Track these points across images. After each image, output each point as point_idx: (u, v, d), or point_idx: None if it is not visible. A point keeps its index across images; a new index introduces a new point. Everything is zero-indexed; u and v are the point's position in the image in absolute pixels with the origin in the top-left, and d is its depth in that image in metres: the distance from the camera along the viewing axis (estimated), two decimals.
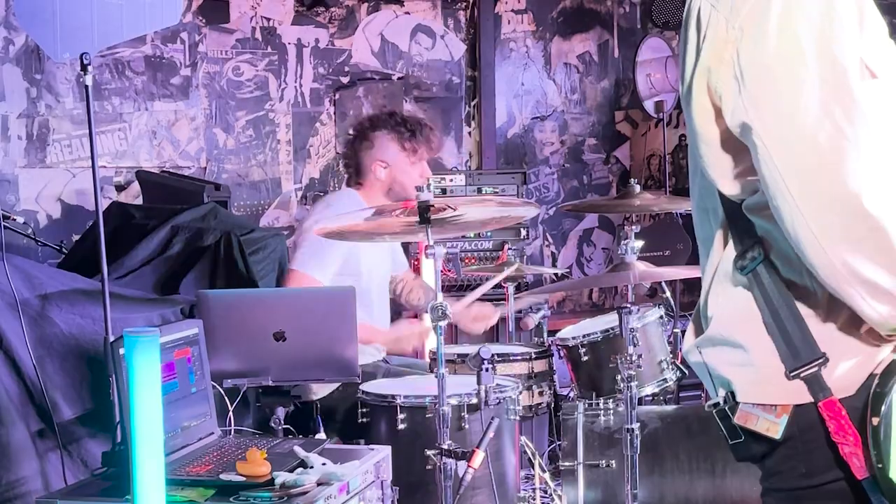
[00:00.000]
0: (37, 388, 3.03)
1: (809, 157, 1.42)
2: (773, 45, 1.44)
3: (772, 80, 1.44)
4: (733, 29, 1.47)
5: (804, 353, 1.50)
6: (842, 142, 1.40)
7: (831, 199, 1.41)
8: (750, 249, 1.56)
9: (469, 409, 3.09)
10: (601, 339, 3.71)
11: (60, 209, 5.35)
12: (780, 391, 1.54)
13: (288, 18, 5.79)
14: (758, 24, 1.45)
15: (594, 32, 6.61)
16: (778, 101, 1.44)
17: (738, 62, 1.46)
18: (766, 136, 1.44)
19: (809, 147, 1.41)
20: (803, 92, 1.42)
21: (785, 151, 1.43)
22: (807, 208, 1.42)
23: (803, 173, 1.42)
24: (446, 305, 2.82)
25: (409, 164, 3.87)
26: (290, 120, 5.85)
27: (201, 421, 2.75)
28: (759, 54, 1.45)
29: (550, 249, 6.62)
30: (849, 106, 1.42)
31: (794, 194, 1.43)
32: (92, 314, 3.18)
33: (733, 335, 1.59)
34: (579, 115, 6.63)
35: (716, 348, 1.62)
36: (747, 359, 1.57)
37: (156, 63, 5.51)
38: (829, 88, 1.42)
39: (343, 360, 3.04)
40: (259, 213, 5.78)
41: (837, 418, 1.49)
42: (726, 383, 1.60)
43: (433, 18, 6.17)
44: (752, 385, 1.57)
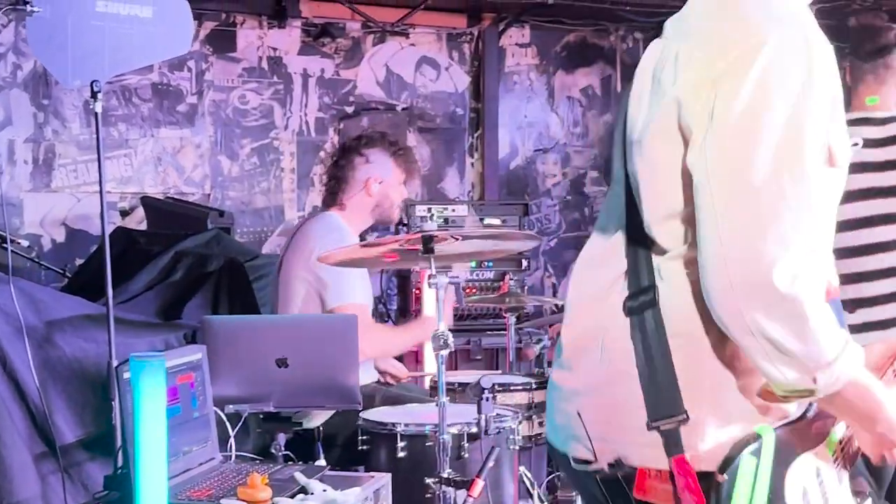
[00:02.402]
0: (40, 411, 3.05)
1: (748, 210, 1.44)
2: (748, 97, 1.46)
3: (737, 130, 1.46)
4: (716, 70, 1.48)
5: (668, 407, 1.50)
6: (780, 204, 1.43)
7: (757, 255, 1.42)
8: (643, 293, 1.55)
9: (469, 438, 3.10)
10: None
11: (64, 233, 5.39)
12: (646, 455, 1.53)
13: (294, 48, 5.86)
14: (741, 73, 1.47)
15: (597, 67, 6.67)
16: (736, 151, 1.46)
17: (714, 104, 1.48)
18: (715, 179, 1.46)
19: (751, 201, 1.44)
20: (762, 150, 1.44)
21: (728, 198, 1.45)
22: (731, 257, 1.43)
23: (738, 224, 1.44)
24: (448, 334, 2.85)
25: (398, 183, 3.88)
26: (295, 148, 5.89)
27: (203, 446, 2.76)
28: (734, 102, 1.46)
29: (551, 280, 6.64)
30: (798, 176, 1.44)
31: (722, 242, 1.45)
32: (96, 338, 3.20)
33: (609, 388, 1.57)
34: (581, 148, 6.68)
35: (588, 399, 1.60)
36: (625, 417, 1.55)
37: (163, 90, 5.56)
38: (786, 154, 1.44)
39: (344, 388, 3.06)
40: (262, 240, 5.81)
41: (685, 475, 1.49)
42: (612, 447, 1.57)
43: (438, 51, 6.23)
44: (638, 447, 1.54)
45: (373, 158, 3.83)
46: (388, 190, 3.82)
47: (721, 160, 1.46)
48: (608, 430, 1.58)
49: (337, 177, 3.85)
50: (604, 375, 1.58)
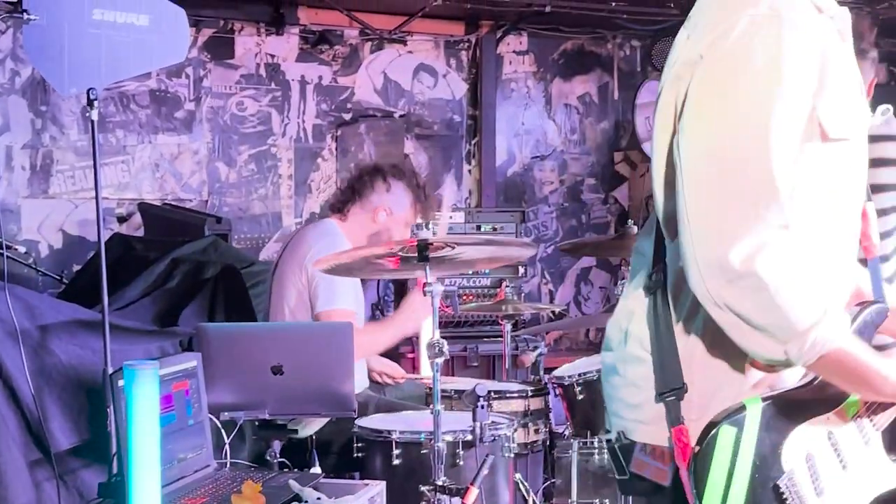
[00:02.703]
0: (34, 417, 3.05)
1: (710, 189, 1.49)
2: (713, 80, 1.51)
3: (701, 113, 1.51)
4: (695, 54, 1.54)
5: (671, 380, 1.57)
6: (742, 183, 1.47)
7: (717, 234, 1.47)
8: (657, 273, 1.63)
9: (464, 446, 3.10)
10: (597, 379, 3.71)
11: (62, 239, 5.39)
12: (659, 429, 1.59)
13: (292, 55, 5.87)
14: (710, 58, 1.52)
15: (594, 74, 6.68)
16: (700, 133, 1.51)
17: (688, 89, 1.53)
18: (685, 161, 1.51)
19: (713, 181, 1.48)
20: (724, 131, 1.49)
21: (693, 179, 1.50)
22: (696, 237, 1.49)
23: (701, 204, 1.49)
24: (444, 342, 2.85)
25: (405, 224, 3.86)
26: (292, 155, 5.90)
27: (197, 453, 2.77)
28: (701, 86, 1.52)
29: (548, 287, 6.65)
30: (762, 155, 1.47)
31: (689, 222, 1.50)
32: (91, 345, 3.20)
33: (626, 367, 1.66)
34: (579, 156, 6.69)
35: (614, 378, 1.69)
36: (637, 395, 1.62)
37: (160, 97, 5.57)
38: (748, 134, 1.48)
39: (340, 395, 3.06)
40: (259, 247, 5.81)
41: (681, 444, 1.54)
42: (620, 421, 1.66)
43: (436, 58, 6.24)
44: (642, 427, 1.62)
45: (394, 189, 3.81)
46: (393, 225, 3.80)
47: (688, 143, 1.51)
48: (618, 405, 1.67)
49: (354, 188, 3.83)
50: (621, 355, 1.67)
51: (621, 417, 1.66)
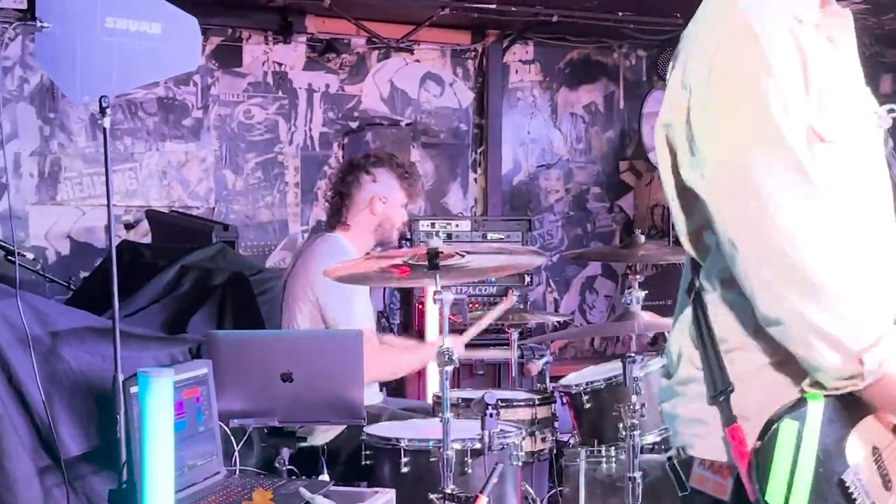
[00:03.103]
0: (44, 423, 3.05)
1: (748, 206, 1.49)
2: (713, 105, 1.52)
3: (715, 141, 1.52)
4: (685, 89, 1.55)
5: (718, 383, 1.58)
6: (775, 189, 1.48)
7: (773, 250, 1.47)
8: (694, 289, 1.65)
9: (473, 454, 3.11)
10: (604, 387, 3.73)
11: (69, 246, 5.40)
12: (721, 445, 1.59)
13: (299, 64, 5.88)
14: (701, 86, 1.53)
15: (600, 84, 6.70)
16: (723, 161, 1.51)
17: (689, 121, 1.55)
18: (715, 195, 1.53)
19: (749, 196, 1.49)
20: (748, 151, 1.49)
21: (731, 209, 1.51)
22: (753, 258, 1.49)
23: (747, 227, 1.50)
24: (453, 351, 2.86)
25: (401, 205, 3.91)
26: (299, 163, 5.92)
27: (208, 460, 2.78)
28: (703, 115, 1.53)
29: (553, 295, 6.66)
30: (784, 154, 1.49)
31: (740, 247, 1.50)
32: (101, 352, 3.21)
33: (683, 387, 1.67)
34: (584, 164, 6.71)
35: (673, 399, 1.70)
36: (696, 413, 1.63)
37: (168, 104, 5.59)
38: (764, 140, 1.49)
39: (349, 403, 3.07)
40: (266, 254, 5.83)
41: (736, 441, 1.54)
42: (680, 438, 1.67)
43: (442, 67, 6.26)
44: (702, 442, 1.63)
45: (379, 178, 3.86)
46: (391, 210, 3.85)
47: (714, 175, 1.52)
48: (677, 423, 1.68)
49: (342, 193, 3.87)
50: (678, 376, 1.69)
51: (680, 434, 1.67)
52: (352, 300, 3.56)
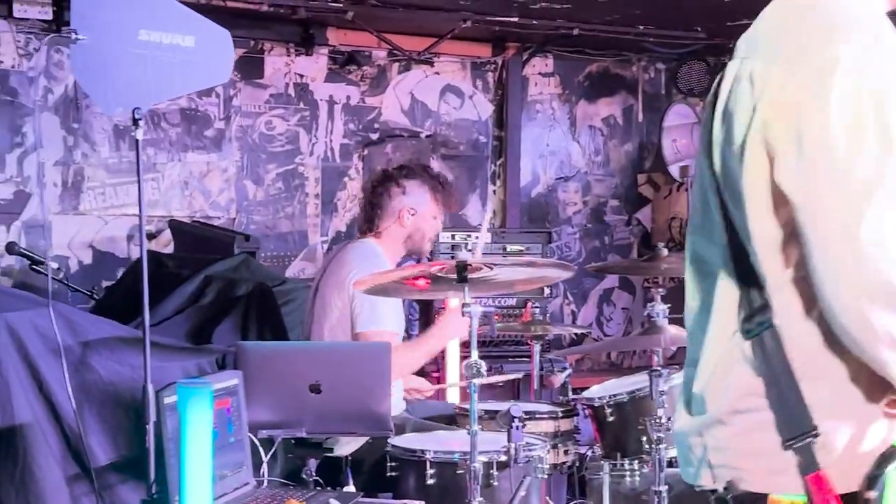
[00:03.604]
0: (74, 433, 3.08)
1: (856, 228, 1.42)
2: (834, 114, 1.45)
3: (832, 148, 1.45)
4: (792, 90, 1.47)
5: (799, 425, 1.50)
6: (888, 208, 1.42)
7: (873, 263, 1.41)
8: (758, 314, 1.55)
9: (498, 467, 3.12)
10: (628, 400, 3.73)
11: (91, 255, 5.43)
12: (790, 480, 1.52)
13: (321, 75, 5.91)
14: (820, 89, 1.46)
15: (619, 97, 6.72)
16: (834, 169, 1.44)
17: (798, 124, 1.47)
18: (817, 199, 1.45)
19: (857, 218, 1.42)
20: (860, 162, 1.43)
21: (833, 214, 1.44)
22: (846, 273, 1.43)
23: (848, 243, 1.43)
24: (481, 363, 2.87)
25: (433, 217, 3.92)
26: (320, 174, 5.95)
27: (238, 471, 2.79)
28: (819, 120, 1.45)
29: (571, 307, 6.67)
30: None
31: (834, 259, 1.44)
32: (130, 362, 3.24)
33: (737, 417, 1.58)
34: (602, 177, 6.72)
35: (720, 429, 1.61)
36: (754, 443, 1.56)
37: (190, 115, 5.62)
38: (884, 160, 1.43)
39: (376, 414, 3.08)
40: (286, 265, 5.85)
41: (822, 492, 1.48)
42: (731, 471, 1.59)
43: (462, 79, 6.29)
44: (763, 474, 1.56)
45: (409, 190, 3.87)
46: (421, 222, 3.86)
47: (821, 180, 1.45)
48: (732, 457, 1.59)
49: (373, 203, 3.90)
50: (727, 405, 1.59)
51: (733, 468, 1.59)
52: (380, 304, 3.59)
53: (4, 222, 5.23)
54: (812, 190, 1.46)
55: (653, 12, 5.58)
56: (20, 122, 5.25)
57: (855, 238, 1.42)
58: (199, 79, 3.08)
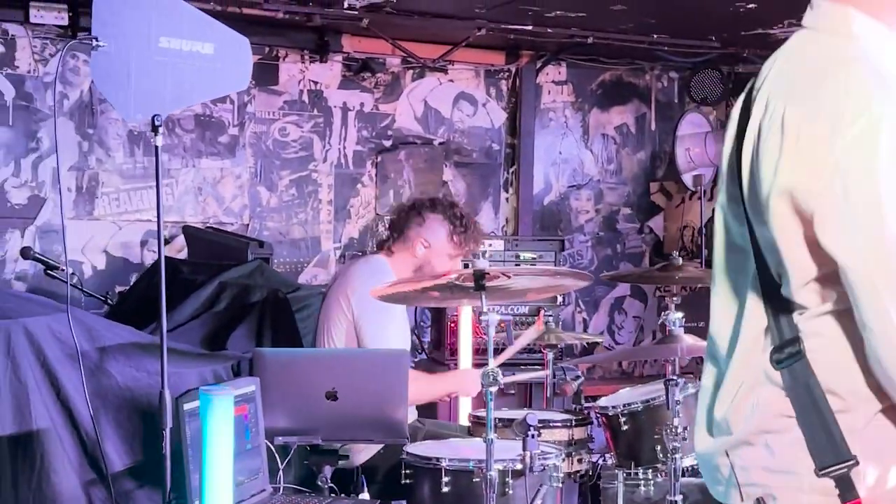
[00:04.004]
0: (91, 438, 3.09)
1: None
2: (881, 175, 1.44)
3: (879, 209, 1.45)
4: (836, 149, 1.45)
5: (835, 453, 1.50)
6: None
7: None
8: (789, 345, 1.54)
9: (513, 475, 3.11)
10: (642, 409, 3.73)
11: (105, 261, 5.45)
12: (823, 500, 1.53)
13: (335, 83, 5.93)
14: (866, 151, 1.44)
15: (632, 105, 6.72)
16: (884, 230, 1.44)
17: (845, 184, 1.45)
18: (865, 258, 1.45)
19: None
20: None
21: (884, 278, 1.44)
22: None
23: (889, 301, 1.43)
24: (498, 371, 2.88)
25: (447, 255, 3.89)
26: (333, 180, 5.96)
27: (254, 478, 2.80)
28: (866, 181, 1.44)
29: (582, 316, 6.66)
30: None
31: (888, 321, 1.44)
32: (146, 367, 3.25)
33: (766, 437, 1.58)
34: (615, 185, 6.72)
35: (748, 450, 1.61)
36: (784, 463, 1.56)
37: (205, 122, 5.64)
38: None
39: (392, 422, 3.09)
40: (298, 271, 5.85)
41: None
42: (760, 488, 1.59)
43: (476, 87, 6.29)
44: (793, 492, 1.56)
45: (428, 224, 3.85)
46: (432, 257, 3.83)
47: (869, 241, 1.45)
48: (761, 475, 1.59)
49: (393, 225, 3.91)
50: (754, 426, 1.59)
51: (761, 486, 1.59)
52: (388, 324, 3.58)
53: (19, 227, 5.25)
54: (861, 255, 1.46)
55: (667, 21, 5.58)
56: (35, 127, 5.28)
57: None
58: (218, 86, 3.09)
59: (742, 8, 5.11)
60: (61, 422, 3.08)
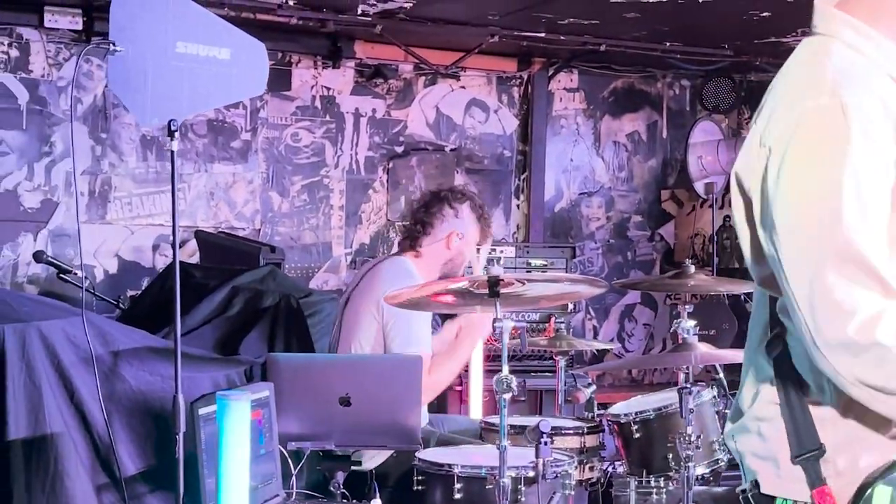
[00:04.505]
0: (104, 442, 3.09)
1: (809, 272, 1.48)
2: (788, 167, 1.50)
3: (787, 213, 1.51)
4: (763, 147, 1.54)
5: (806, 441, 1.57)
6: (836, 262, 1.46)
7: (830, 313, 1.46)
8: (776, 338, 1.63)
9: (526, 482, 3.11)
10: (654, 417, 3.73)
11: (117, 265, 5.46)
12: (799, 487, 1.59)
13: (347, 88, 5.94)
14: (782, 150, 1.51)
15: (644, 113, 6.72)
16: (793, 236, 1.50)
17: (765, 180, 1.53)
18: (779, 246, 1.52)
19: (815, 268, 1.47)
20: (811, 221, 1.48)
21: (791, 265, 1.50)
22: (808, 320, 1.49)
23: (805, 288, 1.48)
24: (512, 378, 2.87)
25: (475, 245, 3.92)
26: (344, 186, 5.96)
27: (268, 483, 2.80)
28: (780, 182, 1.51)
29: (592, 323, 6.66)
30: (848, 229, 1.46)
31: (799, 306, 1.50)
32: (160, 371, 3.25)
33: (759, 423, 1.67)
34: (626, 193, 6.72)
35: (746, 436, 1.70)
36: (769, 450, 1.64)
37: (217, 127, 5.65)
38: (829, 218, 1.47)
39: (406, 428, 3.09)
40: (309, 276, 5.86)
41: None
42: (752, 473, 1.67)
43: (488, 94, 6.30)
44: (774, 479, 1.64)
45: (462, 214, 3.87)
46: (465, 247, 3.86)
47: (780, 241, 1.52)
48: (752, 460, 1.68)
49: (423, 222, 3.86)
50: (753, 413, 1.68)
51: (753, 470, 1.68)
52: (414, 323, 3.58)
53: (32, 230, 5.27)
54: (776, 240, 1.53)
55: (680, 29, 5.58)
56: (49, 131, 5.29)
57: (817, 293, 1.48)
58: (234, 91, 3.10)
59: (755, 16, 5.11)
60: (75, 425, 3.08)
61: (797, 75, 1.61)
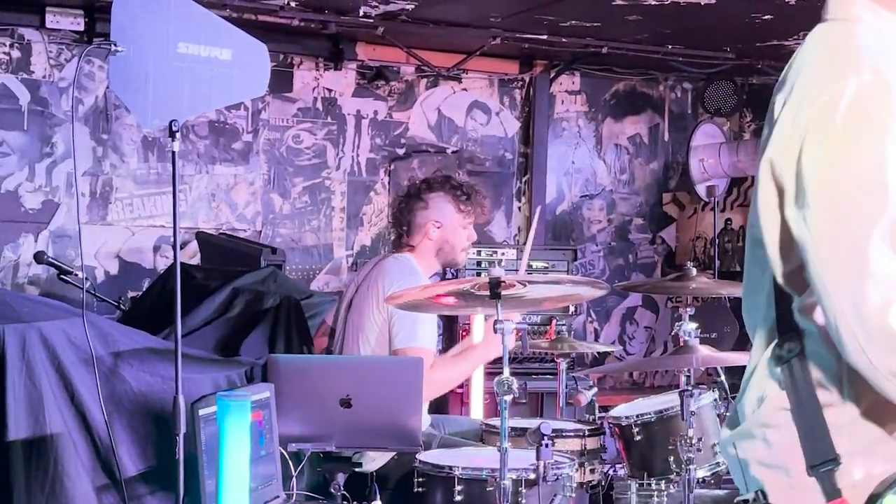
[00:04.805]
0: (105, 443, 3.09)
1: (848, 264, 1.44)
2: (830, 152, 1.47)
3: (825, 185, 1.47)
4: (799, 126, 1.50)
5: (822, 451, 1.52)
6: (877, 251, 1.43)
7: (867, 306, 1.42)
8: (789, 341, 1.58)
9: (527, 484, 3.11)
10: (655, 420, 3.72)
11: (118, 266, 5.45)
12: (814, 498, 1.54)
13: (349, 90, 5.93)
14: (823, 127, 1.48)
15: (645, 115, 6.71)
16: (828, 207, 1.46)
17: (801, 161, 1.49)
18: (815, 236, 1.47)
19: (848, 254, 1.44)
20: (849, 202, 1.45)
21: (827, 254, 1.46)
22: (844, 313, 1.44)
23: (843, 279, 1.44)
24: (513, 380, 2.87)
25: (461, 227, 3.93)
26: (346, 188, 5.96)
27: (268, 484, 2.79)
28: (818, 158, 1.48)
29: (594, 325, 6.65)
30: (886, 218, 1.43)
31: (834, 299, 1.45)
32: (161, 372, 3.24)
33: (765, 430, 1.61)
34: (627, 195, 6.71)
35: (750, 442, 1.64)
36: (777, 458, 1.59)
37: (219, 128, 5.65)
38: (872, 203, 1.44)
39: (406, 430, 3.08)
40: (310, 278, 5.85)
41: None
42: (758, 483, 1.62)
43: (489, 96, 6.30)
44: (787, 489, 1.58)
45: (431, 204, 3.89)
46: (448, 234, 3.87)
47: (816, 217, 1.48)
48: (757, 470, 1.63)
49: (399, 220, 3.92)
50: (758, 419, 1.63)
51: (759, 480, 1.63)
52: (419, 321, 3.59)
53: (32, 231, 5.26)
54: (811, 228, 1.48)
55: (682, 32, 5.58)
56: (50, 132, 5.29)
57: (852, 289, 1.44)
58: (235, 92, 3.10)
59: (757, 20, 5.11)
60: (75, 426, 3.08)
61: (829, 56, 1.57)
